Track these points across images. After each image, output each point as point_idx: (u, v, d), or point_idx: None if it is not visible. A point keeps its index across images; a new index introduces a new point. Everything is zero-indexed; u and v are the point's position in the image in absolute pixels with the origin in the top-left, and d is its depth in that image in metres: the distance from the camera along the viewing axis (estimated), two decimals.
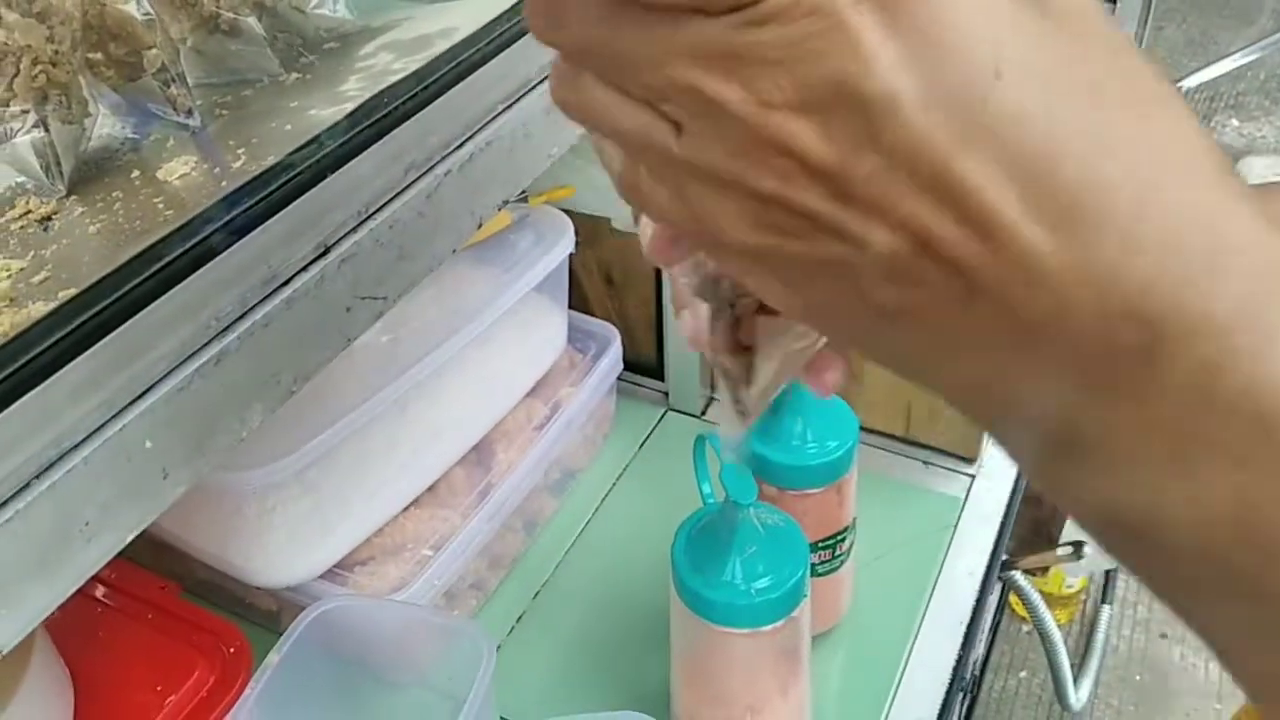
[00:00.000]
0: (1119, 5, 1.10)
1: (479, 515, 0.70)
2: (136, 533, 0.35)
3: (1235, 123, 2.75)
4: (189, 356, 0.36)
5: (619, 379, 0.89)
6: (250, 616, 0.72)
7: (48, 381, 0.31)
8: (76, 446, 0.32)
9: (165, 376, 0.35)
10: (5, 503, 0.31)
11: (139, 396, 0.34)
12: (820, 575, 0.70)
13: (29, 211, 0.48)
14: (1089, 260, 0.19)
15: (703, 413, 0.95)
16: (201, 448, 0.36)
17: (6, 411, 0.30)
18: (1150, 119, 0.20)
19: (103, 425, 0.33)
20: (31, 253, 0.44)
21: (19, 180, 0.49)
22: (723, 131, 0.21)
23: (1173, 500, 0.20)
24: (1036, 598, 1.11)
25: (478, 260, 0.78)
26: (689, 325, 0.32)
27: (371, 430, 0.66)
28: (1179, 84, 0.92)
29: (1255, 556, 0.19)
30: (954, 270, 0.20)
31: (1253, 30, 3.02)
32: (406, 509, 0.70)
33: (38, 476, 0.31)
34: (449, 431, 0.72)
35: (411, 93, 0.46)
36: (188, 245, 0.36)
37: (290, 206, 0.39)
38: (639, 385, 0.97)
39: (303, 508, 0.63)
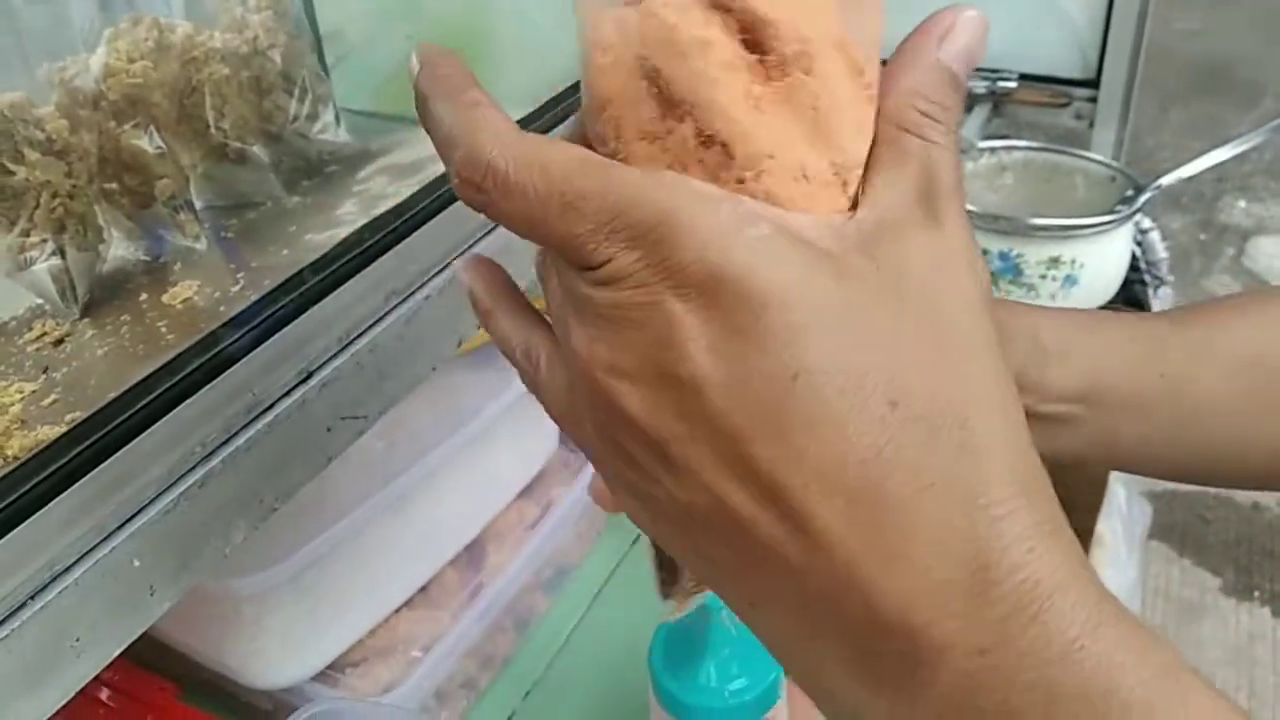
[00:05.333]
0: (1101, 93, 1.09)
1: (469, 616, 0.72)
2: (124, 647, 0.37)
3: (1243, 204, 2.76)
4: (176, 480, 0.38)
5: None
6: (248, 716, 0.74)
7: (44, 509, 0.34)
8: (69, 568, 0.35)
9: (153, 500, 0.37)
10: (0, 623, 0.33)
11: (128, 520, 0.36)
12: None
13: (45, 334, 0.51)
14: (861, 563, 0.21)
15: None
16: (187, 565, 0.38)
17: (4, 539, 0.33)
18: (938, 433, 0.21)
19: (93, 548, 0.35)
20: (44, 375, 0.46)
21: (38, 302, 0.52)
22: (576, 382, 0.24)
23: None
24: None
25: (472, 365, 0.81)
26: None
27: (365, 534, 0.68)
28: (1184, 169, 0.97)
29: None
30: (754, 537, 0.22)
31: (1256, 113, 3.04)
32: (398, 610, 0.72)
33: (32, 597, 0.34)
34: (441, 534, 0.74)
35: (393, 225, 0.50)
36: (177, 377, 0.39)
37: (274, 337, 0.42)
38: None
39: (296, 611, 0.65)
